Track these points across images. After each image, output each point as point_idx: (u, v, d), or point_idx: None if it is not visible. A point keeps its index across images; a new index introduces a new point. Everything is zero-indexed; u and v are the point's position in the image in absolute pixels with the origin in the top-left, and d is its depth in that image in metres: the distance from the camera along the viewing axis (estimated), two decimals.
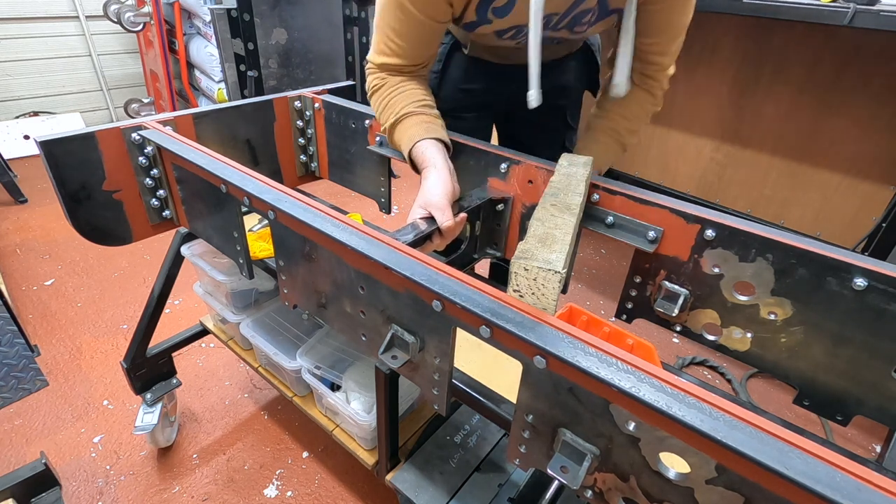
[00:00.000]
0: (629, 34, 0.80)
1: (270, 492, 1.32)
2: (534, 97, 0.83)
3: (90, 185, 0.91)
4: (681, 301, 0.76)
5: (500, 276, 1.46)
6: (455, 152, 0.97)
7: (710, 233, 0.71)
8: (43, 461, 0.98)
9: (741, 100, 2.11)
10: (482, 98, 1.15)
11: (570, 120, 1.22)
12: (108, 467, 1.35)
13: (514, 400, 0.55)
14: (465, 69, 1.11)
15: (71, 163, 0.87)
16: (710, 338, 0.77)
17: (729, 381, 1.74)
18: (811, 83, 1.91)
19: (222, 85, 2.88)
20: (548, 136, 1.22)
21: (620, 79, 0.84)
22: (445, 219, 0.76)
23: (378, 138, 1.09)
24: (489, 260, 1.07)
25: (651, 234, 0.76)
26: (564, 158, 0.84)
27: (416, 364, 0.64)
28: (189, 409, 1.53)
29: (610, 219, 0.80)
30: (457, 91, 1.13)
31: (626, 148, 0.97)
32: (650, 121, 0.97)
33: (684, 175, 2.40)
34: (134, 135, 0.92)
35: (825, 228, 2.06)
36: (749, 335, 0.73)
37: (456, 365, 0.65)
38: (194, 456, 1.40)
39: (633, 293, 0.83)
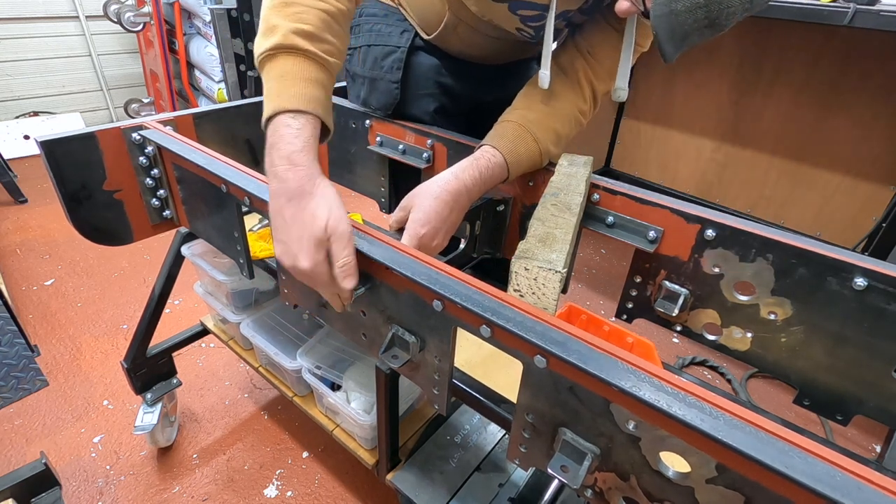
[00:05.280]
0: (630, 38, 0.77)
1: (270, 492, 1.32)
2: (546, 77, 0.80)
3: (90, 185, 0.91)
4: (681, 301, 0.76)
5: (499, 275, 1.46)
6: (455, 152, 0.97)
7: (710, 233, 0.71)
8: (43, 461, 0.98)
9: (741, 100, 2.11)
10: (450, 105, 1.04)
11: None
12: (108, 467, 1.35)
13: (514, 400, 0.55)
14: (430, 68, 1.01)
15: (71, 163, 0.87)
16: (711, 338, 0.77)
17: (729, 381, 1.74)
18: (811, 83, 1.91)
19: (222, 85, 2.88)
20: None
21: (622, 83, 0.81)
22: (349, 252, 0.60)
23: (378, 138, 1.09)
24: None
25: (651, 234, 0.76)
26: (564, 158, 0.84)
27: (417, 364, 0.64)
28: (189, 409, 1.53)
29: (610, 219, 0.80)
30: (422, 98, 1.02)
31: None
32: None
33: (684, 175, 2.40)
34: (134, 135, 0.92)
35: (825, 228, 2.06)
36: (749, 335, 0.73)
37: (456, 365, 0.65)
38: (194, 456, 1.40)
39: (634, 293, 0.83)
